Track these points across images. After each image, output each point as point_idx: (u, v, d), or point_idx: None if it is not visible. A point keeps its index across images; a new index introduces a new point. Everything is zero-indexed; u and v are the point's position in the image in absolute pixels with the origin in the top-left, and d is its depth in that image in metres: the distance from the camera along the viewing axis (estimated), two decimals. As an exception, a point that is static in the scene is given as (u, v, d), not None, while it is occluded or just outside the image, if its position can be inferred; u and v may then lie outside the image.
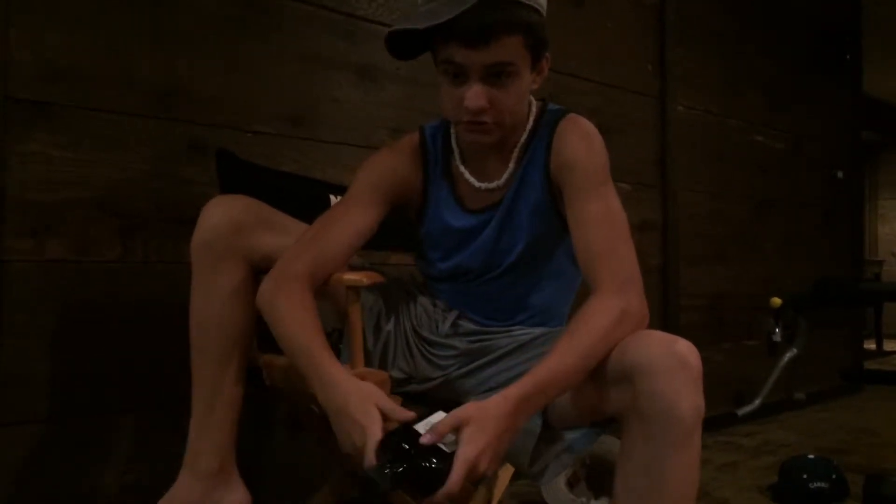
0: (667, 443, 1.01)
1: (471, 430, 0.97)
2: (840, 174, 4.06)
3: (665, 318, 2.95)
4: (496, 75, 1.16)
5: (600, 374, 1.09)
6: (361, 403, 1.03)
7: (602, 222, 1.20)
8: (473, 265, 1.36)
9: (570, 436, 1.24)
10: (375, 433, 0.98)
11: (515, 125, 1.28)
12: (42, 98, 1.55)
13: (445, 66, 1.18)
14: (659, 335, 1.05)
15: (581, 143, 1.27)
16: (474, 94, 1.16)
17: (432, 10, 1.14)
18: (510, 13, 1.14)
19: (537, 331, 1.35)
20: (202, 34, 1.76)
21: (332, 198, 1.66)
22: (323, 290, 1.38)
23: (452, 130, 1.37)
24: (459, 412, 0.98)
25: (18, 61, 1.52)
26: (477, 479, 0.98)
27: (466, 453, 0.95)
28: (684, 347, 1.02)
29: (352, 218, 1.30)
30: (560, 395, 1.10)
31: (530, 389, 1.03)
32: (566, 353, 1.07)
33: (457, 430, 0.97)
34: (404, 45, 1.23)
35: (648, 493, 1.03)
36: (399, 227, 1.44)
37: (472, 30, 1.12)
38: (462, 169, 1.35)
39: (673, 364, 1.00)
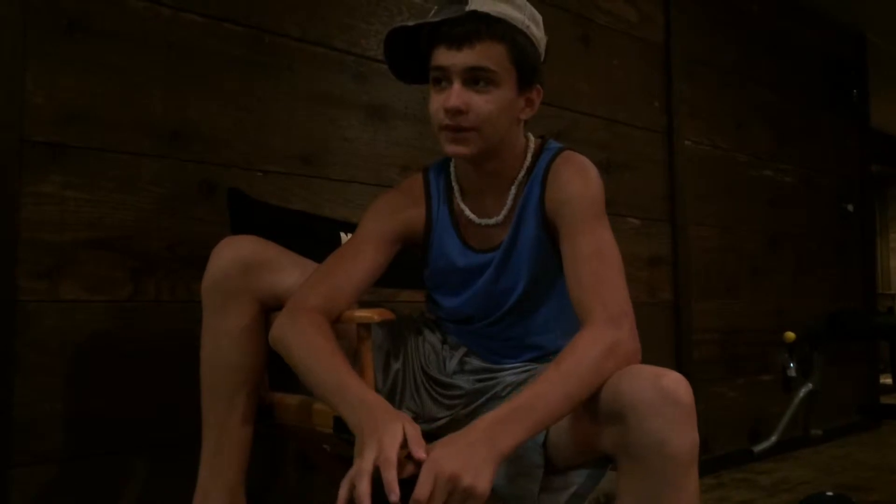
0: (662, 481, 0.99)
1: (439, 443, 0.96)
2: (850, 207, 4.06)
3: (678, 353, 2.90)
4: (475, 80, 1.20)
5: (593, 410, 1.07)
6: (392, 422, 0.98)
7: (593, 256, 1.19)
8: (475, 309, 1.36)
9: (576, 480, 1.22)
10: (390, 457, 0.92)
11: (500, 145, 1.27)
12: (56, 140, 1.57)
13: (432, 73, 1.23)
14: (647, 370, 1.03)
15: (575, 178, 1.27)
16: (453, 94, 1.20)
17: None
18: (495, 24, 1.20)
19: (542, 367, 1.33)
20: (214, 76, 1.79)
21: (343, 235, 1.67)
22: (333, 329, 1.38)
23: (452, 167, 1.38)
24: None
25: (34, 104, 1.54)
26: (464, 494, 0.92)
27: (433, 455, 0.93)
28: (673, 382, 0.99)
29: (362, 257, 1.30)
30: (545, 425, 1.05)
31: (505, 414, 1.00)
32: (550, 382, 1.04)
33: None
34: (403, 63, 1.31)
35: None
36: (409, 265, 1.44)
37: (456, 31, 1.19)
38: (462, 206, 1.35)
39: (662, 401, 0.98)
